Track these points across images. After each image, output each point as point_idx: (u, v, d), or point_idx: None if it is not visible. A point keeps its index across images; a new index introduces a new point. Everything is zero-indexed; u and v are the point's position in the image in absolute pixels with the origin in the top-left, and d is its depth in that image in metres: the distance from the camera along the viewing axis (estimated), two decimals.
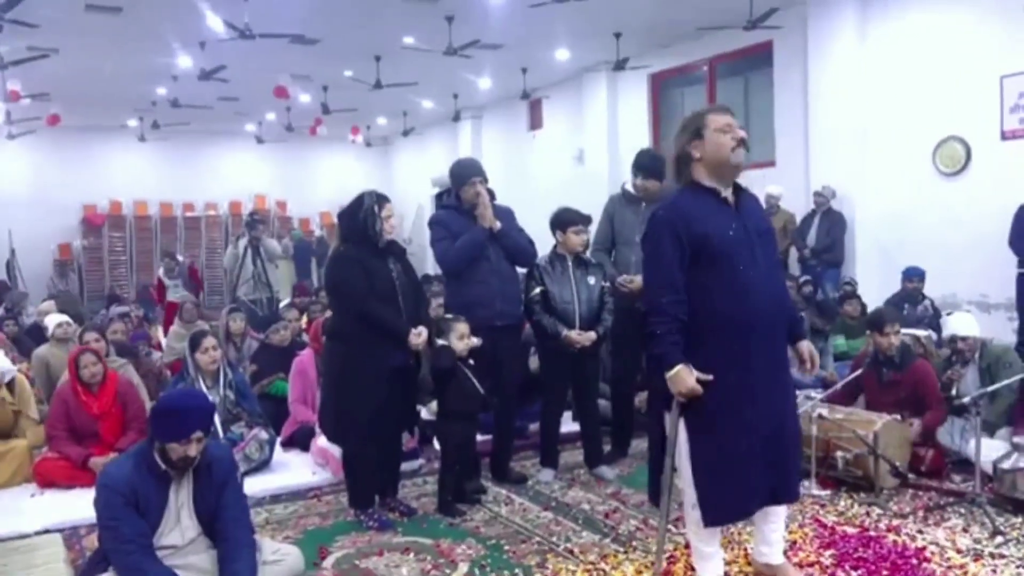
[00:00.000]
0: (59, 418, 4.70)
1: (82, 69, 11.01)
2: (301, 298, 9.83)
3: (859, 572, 3.11)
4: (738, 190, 2.89)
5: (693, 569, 3.16)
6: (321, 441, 4.65)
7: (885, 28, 8.66)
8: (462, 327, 3.99)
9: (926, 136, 8.24)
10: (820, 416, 4.25)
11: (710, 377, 2.69)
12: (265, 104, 13.75)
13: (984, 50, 7.76)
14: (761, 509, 2.89)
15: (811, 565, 3.21)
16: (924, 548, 3.34)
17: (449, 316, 4.08)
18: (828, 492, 4.09)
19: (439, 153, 17.07)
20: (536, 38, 10.70)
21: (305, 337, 6.27)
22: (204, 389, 4.62)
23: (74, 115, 13.40)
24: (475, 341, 4.03)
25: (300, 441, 5.11)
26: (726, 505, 2.77)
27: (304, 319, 7.40)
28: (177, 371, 5.90)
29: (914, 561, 3.21)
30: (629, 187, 4.64)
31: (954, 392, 4.39)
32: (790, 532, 3.57)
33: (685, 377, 2.70)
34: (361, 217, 3.75)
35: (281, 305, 8.24)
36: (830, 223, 8.69)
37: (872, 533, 3.53)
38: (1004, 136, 7.49)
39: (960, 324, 4.71)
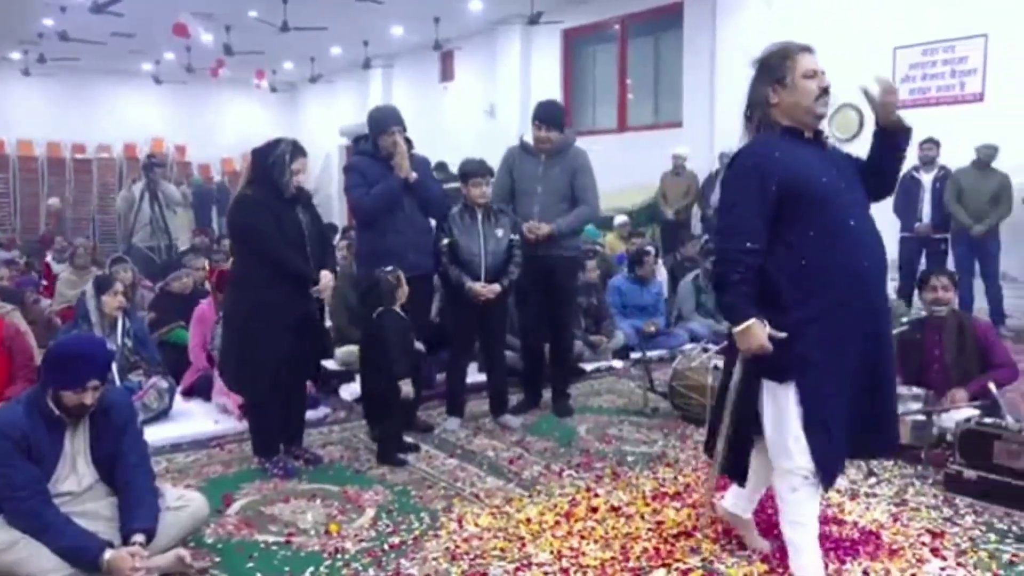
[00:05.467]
0: None
1: None
2: (201, 237, 9.53)
3: None
4: (818, 134, 2.62)
5: (594, 511, 3.31)
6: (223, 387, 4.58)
7: None
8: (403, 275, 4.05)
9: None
10: (716, 367, 4.45)
11: (783, 335, 2.45)
12: (163, 42, 13.11)
13: (880, 21, 8.11)
14: None
15: (704, 506, 3.38)
16: None
17: (390, 269, 4.03)
18: None
19: (348, 102, 16.71)
20: None
21: (207, 285, 6.10)
22: (101, 336, 4.46)
23: None
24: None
25: (201, 390, 5.01)
26: (837, 464, 2.59)
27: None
28: (68, 319, 5.67)
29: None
30: (528, 138, 4.68)
31: None
32: (684, 475, 3.76)
33: (758, 332, 2.45)
34: (270, 162, 3.65)
35: (181, 250, 7.98)
36: None
37: None
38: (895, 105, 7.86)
39: None
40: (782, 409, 2.52)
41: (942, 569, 2.84)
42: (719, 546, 3.01)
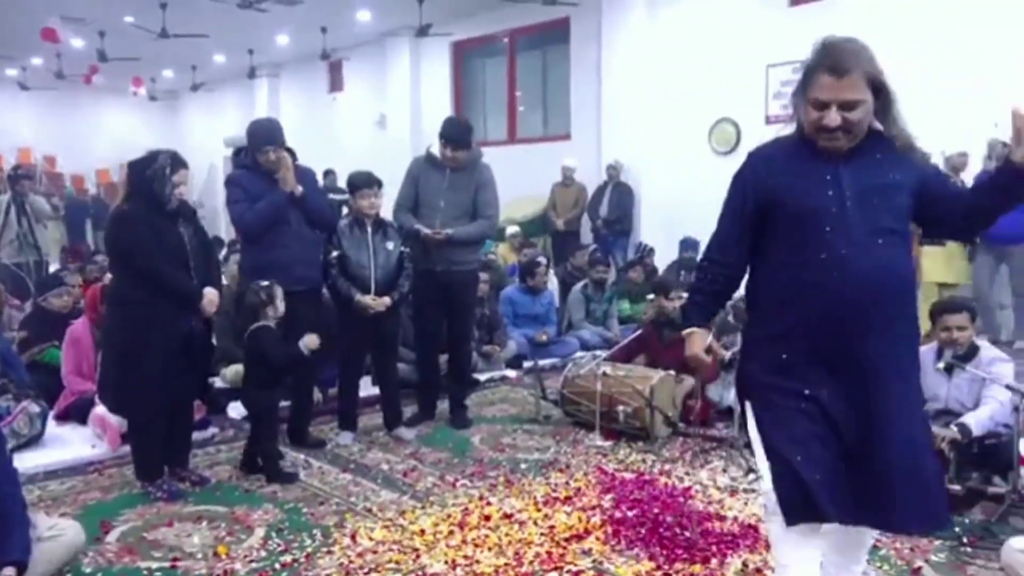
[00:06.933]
0: None
1: None
2: (76, 262, 9.05)
3: (634, 512, 3.41)
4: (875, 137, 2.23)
5: (487, 518, 3.35)
6: (100, 410, 4.39)
7: (671, 11, 9.30)
8: (280, 290, 3.97)
9: (704, 116, 8.98)
10: (604, 373, 4.58)
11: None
12: (30, 47, 12.42)
13: (753, 40, 8.54)
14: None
15: (593, 508, 3.48)
16: (690, 488, 3.73)
17: (266, 284, 3.95)
18: (610, 443, 4.43)
19: (233, 112, 16.27)
20: None
21: (82, 304, 5.81)
22: None
23: None
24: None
25: (76, 414, 4.77)
26: (806, 503, 2.15)
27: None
28: None
29: (681, 499, 3.57)
30: (434, 150, 4.68)
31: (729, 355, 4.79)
32: (576, 480, 3.85)
33: (695, 342, 2.37)
34: (148, 175, 3.53)
35: (51, 269, 7.58)
36: (620, 195, 9.26)
37: (647, 477, 3.88)
38: (768, 120, 8.31)
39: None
40: (751, 428, 2.33)
41: None
42: (609, 547, 3.11)
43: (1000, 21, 7.06)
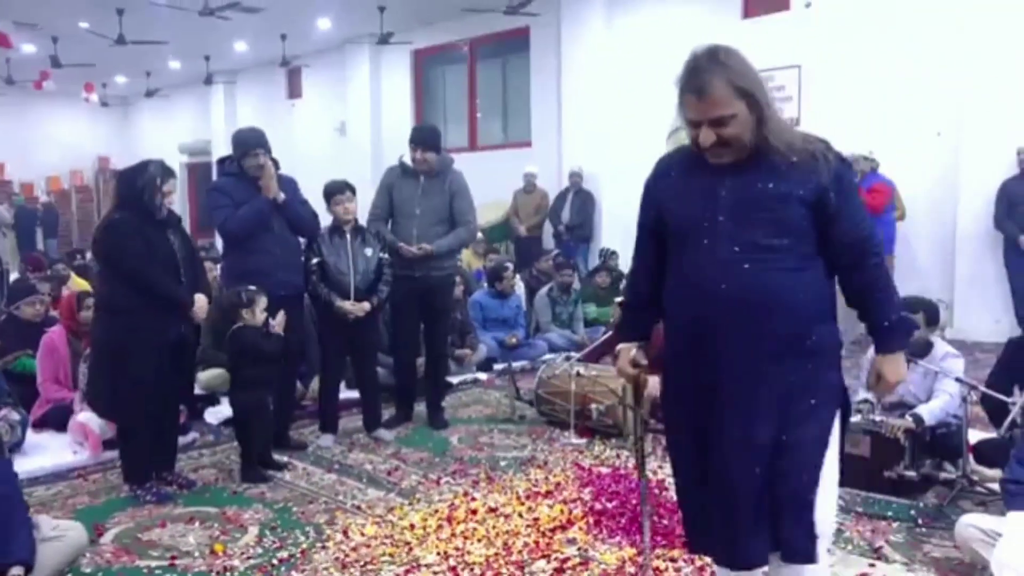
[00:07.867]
0: None
1: None
2: (37, 271, 8.93)
3: (614, 503, 3.58)
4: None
5: (473, 513, 3.49)
6: (81, 417, 4.42)
7: (628, 19, 9.58)
8: (264, 300, 4.03)
9: (661, 123, 9.15)
10: (578, 374, 4.76)
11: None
12: None
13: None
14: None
15: (574, 502, 3.64)
16: (663, 480, 3.90)
17: (252, 288, 4.04)
18: (585, 440, 4.59)
19: (188, 118, 16.10)
20: (297, 4, 10.47)
21: (53, 312, 5.79)
22: None
23: None
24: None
25: (53, 421, 4.78)
26: (699, 533, 2.20)
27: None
28: None
29: (656, 491, 3.74)
30: (407, 160, 4.81)
31: None
32: (554, 475, 4.01)
33: (620, 355, 2.34)
34: (140, 185, 3.61)
35: (13, 278, 7.48)
36: (581, 201, 9.47)
37: (622, 471, 4.05)
38: None
39: None
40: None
41: None
42: (592, 536, 3.27)
43: (943, 32, 7.44)
